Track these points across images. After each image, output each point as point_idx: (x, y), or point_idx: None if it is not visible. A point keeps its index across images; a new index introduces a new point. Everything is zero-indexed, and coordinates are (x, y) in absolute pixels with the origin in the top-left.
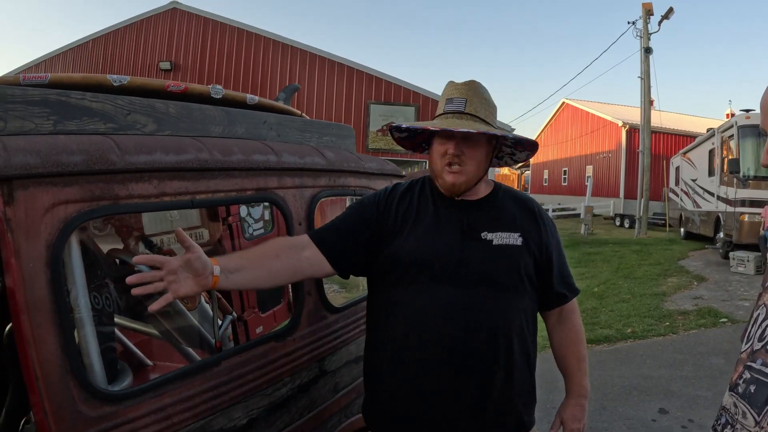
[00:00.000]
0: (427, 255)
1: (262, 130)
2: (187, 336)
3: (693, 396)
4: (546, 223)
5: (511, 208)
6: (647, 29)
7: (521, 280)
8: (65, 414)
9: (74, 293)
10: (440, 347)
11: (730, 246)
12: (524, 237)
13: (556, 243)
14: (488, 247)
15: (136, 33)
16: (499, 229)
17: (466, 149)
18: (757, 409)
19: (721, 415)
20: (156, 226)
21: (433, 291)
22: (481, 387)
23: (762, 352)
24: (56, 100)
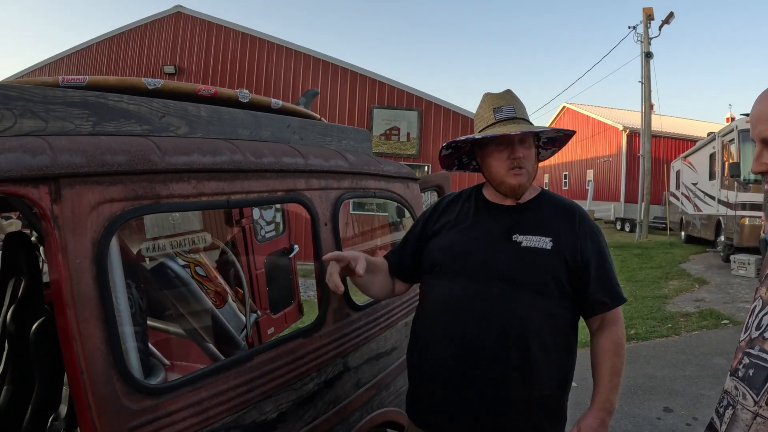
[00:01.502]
0: (457, 252)
1: (286, 133)
2: (215, 333)
3: (696, 395)
4: (585, 229)
5: (549, 213)
6: (648, 34)
7: (546, 283)
8: (108, 407)
9: (115, 290)
10: (453, 338)
11: (731, 249)
12: (555, 241)
13: (597, 250)
14: (516, 248)
15: (140, 36)
16: (530, 233)
17: (524, 152)
18: (756, 390)
19: (723, 398)
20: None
21: (454, 285)
22: (493, 384)
23: (759, 340)
24: (95, 102)
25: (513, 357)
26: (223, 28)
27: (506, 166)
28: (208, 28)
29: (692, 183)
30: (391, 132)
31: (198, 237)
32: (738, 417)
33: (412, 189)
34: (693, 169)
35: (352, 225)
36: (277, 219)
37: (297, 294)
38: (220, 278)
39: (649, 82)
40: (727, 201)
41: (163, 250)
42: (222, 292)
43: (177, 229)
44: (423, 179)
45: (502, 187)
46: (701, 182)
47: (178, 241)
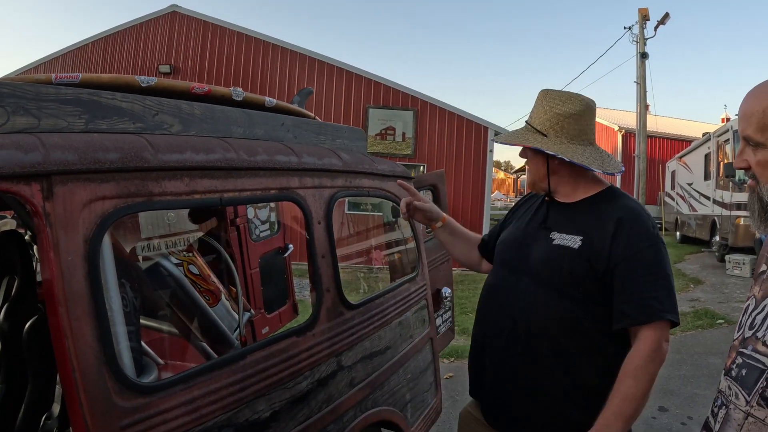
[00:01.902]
0: (506, 244)
1: (280, 132)
2: (209, 332)
3: (691, 394)
4: (625, 236)
5: (593, 213)
6: (643, 34)
7: (565, 282)
8: (100, 405)
9: (107, 288)
10: (481, 321)
11: (726, 249)
12: (584, 242)
13: (630, 257)
14: (549, 244)
15: (135, 35)
16: (564, 231)
17: (528, 156)
18: (747, 390)
19: (718, 398)
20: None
21: (496, 273)
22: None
23: (752, 339)
24: (88, 100)
25: (518, 351)
26: (218, 27)
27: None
28: (203, 27)
29: (687, 183)
30: (386, 132)
31: (194, 236)
32: (731, 417)
33: None
34: (688, 169)
35: (347, 225)
36: (271, 218)
37: (292, 293)
38: (214, 277)
39: (644, 83)
40: (722, 201)
41: (157, 249)
42: (215, 291)
43: (172, 229)
44: (417, 178)
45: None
46: (696, 182)
47: (174, 240)
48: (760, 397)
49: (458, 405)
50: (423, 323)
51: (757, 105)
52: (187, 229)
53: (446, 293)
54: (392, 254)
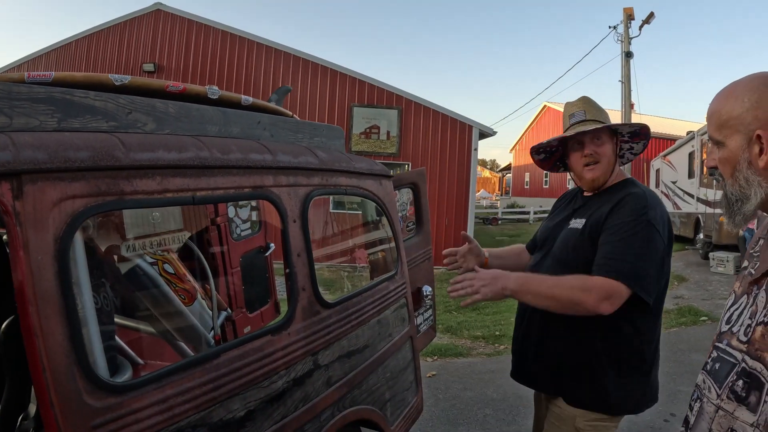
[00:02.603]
0: (543, 233)
1: (257, 130)
2: (185, 331)
3: (674, 391)
4: (616, 211)
5: (606, 199)
6: (628, 33)
7: (573, 258)
8: (71, 405)
9: (79, 286)
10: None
11: (709, 247)
12: (587, 222)
13: (617, 227)
14: (566, 229)
15: (119, 34)
16: (579, 216)
17: (596, 149)
18: (719, 383)
19: (694, 392)
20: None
21: (534, 258)
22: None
23: (728, 334)
24: (61, 98)
25: (540, 313)
26: (203, 25)
27: (581, 163)
28: (188, 25)
29: (672, 181)
30: (371, 130)
31: (177, 236)
32: (704, 410)
33: (385, 186)
34: (672, 167)
35: (331, 223)
36: (253, 217)
37: (274, 293)
38: (189, 276)
39: (629, 82)
40: (706, 199)
41: (137, 249)
42: (191, 290)
43: (150, 230)
44: (397, 177)
45: (581, 182)
46: (680, 180)
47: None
48: (729, 390)
49: (441, 403)
50: (402, 322)
51: (716, 106)
52: (166, 229)
53: (427, 291)
54: (374, 253)
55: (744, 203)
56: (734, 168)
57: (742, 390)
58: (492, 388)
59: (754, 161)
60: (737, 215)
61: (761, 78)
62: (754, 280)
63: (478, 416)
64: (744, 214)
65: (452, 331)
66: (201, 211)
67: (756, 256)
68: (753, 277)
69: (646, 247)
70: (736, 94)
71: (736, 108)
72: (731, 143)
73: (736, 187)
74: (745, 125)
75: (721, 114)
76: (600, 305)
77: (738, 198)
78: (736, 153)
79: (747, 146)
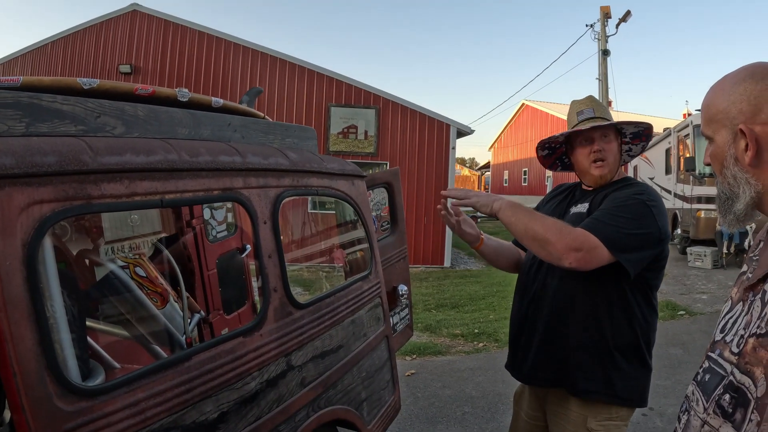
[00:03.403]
0: None
1: (227, 132)
2: (157, 334)
3: (653, 385)
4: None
5: (608, 191)
6: (605, 32)
7: None
8: (43, 409)
9: (48, 291)
10: (519, 290)
11: (687, 242)
12: (590, 206)
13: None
14: (568, 215)
15: (95, 35)
16: (580, 203)
17: (605, 146)
18: (707, 396)
19: (684, 403)
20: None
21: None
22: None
23: (721, 343)
24: (29, 103)
25: (545, 307)
26: (179, 26)
27: (589, 159)
28: (164, 26)
29: (649, 177)
30: (348, 130)
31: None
32: (690, 423)
33: (358, 186)
34: (650, 164)
35: (309, 224)
36: (229, 219)
37: (251, 294)
38: (161, 278)
39: (606, 79)
40: (683, 195)
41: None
42: (163, 293)
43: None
44: (370, 177)
45: (586, 177)
46: (658, 177)
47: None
48: (716, 404)
49: (420, 402)
50: (377, 321)
51: (706, 100)
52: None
53: (402, 291)
54: (349, 253)
55: (734, 202)
56: (722, 164)
57: (729, 405)
58: (471, 385)
59: (740, 157)
60: (728, 214)
61: (747, 69)
62: (750, 285)
63: (457, 414)
64: (735, 214)
65: (431, 330)
66: (176, 214)
67: (755, 260)
68: (749, 282)
69: (636, 221)
70: (723, 87)
71: (722, 101)
72: (719, 138)
73: (725, 184)
74: (730, 119)
75: (709, 108)
76: (567, 253)
77: (728, 196)
78: (723, 148)
79: (733, 141)
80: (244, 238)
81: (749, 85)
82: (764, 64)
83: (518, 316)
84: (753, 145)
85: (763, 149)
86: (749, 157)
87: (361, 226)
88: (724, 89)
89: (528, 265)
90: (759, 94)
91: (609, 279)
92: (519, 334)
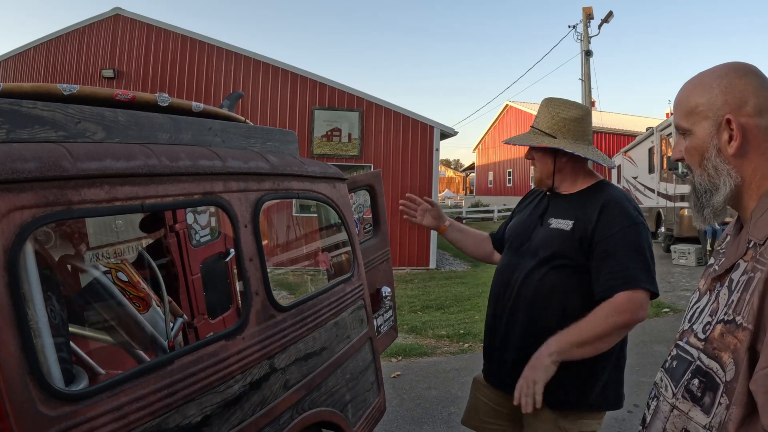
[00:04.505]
0: (514, 231)
1: (208, 136)
2: (140, 339)
3: (637, 382)
4: (605, 217)
5: (585, 201)
6: (587, 33)
7: (558, 257)
8: (26, 414)
9: (30, 297)
10: (494, 294)
11: (671, 239)
12: (575, 224)
13: (615, 236)
14: (546, 229)
15: (78, 40)
16: (560, 217)
17: (534, 155)
18: (675, 382)
19: (652, 390)
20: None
21: (506, 256)
22: (505, 332)
23: (688, 332)
24: (8, 109)
25: (520, 311)
26: (162, 30)
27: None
28: (147, 30)
29: (633, 177)
30: (332, 133)
31: (134, 245)
32: (660, 408)
33: (339, 189)
34: (633, 163)
35: (293, 227)
36: (212, 223)
37: (235, 298)
38: (143, 283)
39: (589, 80)
40: (667, 193)
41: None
42: (145, 297)
43: (114, 238)
44: (352, 179)
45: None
46: (641, 176)
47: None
48: (685, 389)
49: (405, 403)
50: (361, 323)
51: (683, 94)
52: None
53: (386, 292)
54: (334, 256)
55: (713, 194)
56: (702, 156)
57: (698, 389)
58: (457, 386)
59: (723, 148)
60: (706, 208)
61: (729, 65)
62: (717, 276)
63: (443, 414)
64: (713, 207)
65: (417, 331)
66: (159, 219)
67: (722, 253)
68: (716, 273)
69: (643, 248)
70: (703, 82)
71: (704, 94)
72: (699, 130)
73: (704, 176)
74: (714, 110)
75: (689, 101)
76: (638, 315)
77: (707, 189)
78: (704, 140)
79: (716, 132)
80: (228, 242)
81: (733, 79)
82: (743, 62)
83: (492, 324)
84: (739, 135)
85: (747, 141)
86: (734, 148)
87: (344, 228)
88: (704, 83)
89: (501, 273)
90: (743, 87)
91: (581, 287)
92: (492, 341)
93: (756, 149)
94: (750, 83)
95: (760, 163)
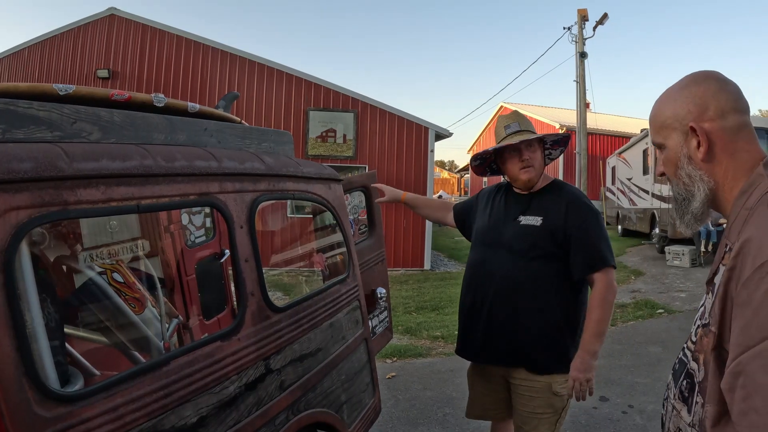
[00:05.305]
0: (484, 228)
1: (203, 137)
2: (136, 340)
3: (632, 383)
4: (572, 211)
5: (549, 198)
6: (582, 34)
7: (533, 249)
8: (21, 415)
9: (26, 298)
10: (470, 289)
11: (665, 241)
12: (545, 220)
13: (579, 226)
14: (517, 226)
15: (73, 40)
16: (528, 213)
17: (531, 155)
18: (675, 383)
19: (666, 391)
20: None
21: (477, 252)
22: (488, 315)
23: (689, 335)
24: (4, 110)
25: (504, 296)
26: (157, 30)
27: (518, 167)
28: (142, 30)
29: (627, 178)
30: (327, 134)
31: (130, 245)
32: (667, 409)
33: (335, 190)
34: (627, 164)
35: (288, 229)
36: (207, 224)
37: (230, 299)
38: (139, 284)
39: (584, 81)
40: (661, 194)
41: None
42: (141, 298)
43: (109, 239)
44: (347, 180)
45: (517, 182)
46: (636, 177)
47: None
48: (679, 390)
49: (401, 404)
50: (356, 324)
51: (654, 111)
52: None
53: (381, 293)
54: (329, 257)
55: (690, 201)
56: (676, 166)
57: (686, 390)
58: (451, 387)
59: (693, 155)
60: (686, 215)
61: (689, 76)
62: (707, 281)
63: (438, 415)
64: (693, 213)
65: (412, 332)
66: (155, 219)
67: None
68: (707, 278)
69: (605, 232)
70: (669, 96)
71: (670, 107)
72: (671, 142)
73: (680, 185)
74: (679, 121)
75: (658, 117)
76: (615, 286)
77: (684, 197)
78: (676, 151)
79: (685, 141)
80: (223, 243)
81: (693, 88)
82: (703, 70)
83: (472, 308)
84: (705, 140)
85: (713, 144)
86: (702, 153)
87: (339, 229)
88: (670, 97)
89: (478, 266)
90: (702, 94)
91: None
92: (475, 323)
93: (723, 151)
94: (709, 88)
95: (730, 164)
